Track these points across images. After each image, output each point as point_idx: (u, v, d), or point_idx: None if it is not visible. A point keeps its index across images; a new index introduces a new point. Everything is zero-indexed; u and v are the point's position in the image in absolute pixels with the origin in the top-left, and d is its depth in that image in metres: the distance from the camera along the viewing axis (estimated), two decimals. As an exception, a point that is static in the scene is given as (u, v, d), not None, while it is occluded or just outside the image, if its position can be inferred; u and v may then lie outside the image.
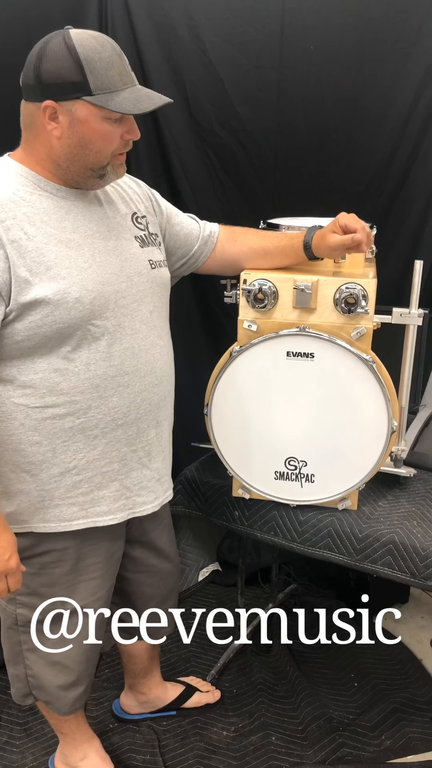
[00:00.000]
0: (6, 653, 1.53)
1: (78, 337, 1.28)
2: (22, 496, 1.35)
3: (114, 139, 1.25)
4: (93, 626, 1.49)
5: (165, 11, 1.99)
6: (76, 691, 1.53)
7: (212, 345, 2.32)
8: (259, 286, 1.51)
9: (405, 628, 2.27)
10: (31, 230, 1.22)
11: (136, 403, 1.38)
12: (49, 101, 1.20)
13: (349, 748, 1.79)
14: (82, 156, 1.25)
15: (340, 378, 1.52)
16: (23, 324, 1.23)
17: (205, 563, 2.57)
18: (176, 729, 1.87)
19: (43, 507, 1.36)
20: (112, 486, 1.40)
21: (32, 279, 1.22)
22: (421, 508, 1.69)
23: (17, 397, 1.29)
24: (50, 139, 1.24)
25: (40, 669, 1.49)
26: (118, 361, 1.33)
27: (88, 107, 1.20)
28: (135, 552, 1.58)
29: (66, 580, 1.43)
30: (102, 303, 1.29)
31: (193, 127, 2.10)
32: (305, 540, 1.67)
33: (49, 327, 1.24)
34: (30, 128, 1.26)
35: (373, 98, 2.02)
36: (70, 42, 1.18)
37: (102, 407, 1.34)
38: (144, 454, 1.44)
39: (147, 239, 1.42)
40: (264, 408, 1.59)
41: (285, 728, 1.87)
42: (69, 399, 1.30)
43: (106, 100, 1.20)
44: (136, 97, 1.23)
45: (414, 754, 1.78)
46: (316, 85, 2.02)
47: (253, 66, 2.02)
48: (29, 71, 1.21)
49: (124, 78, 1.23)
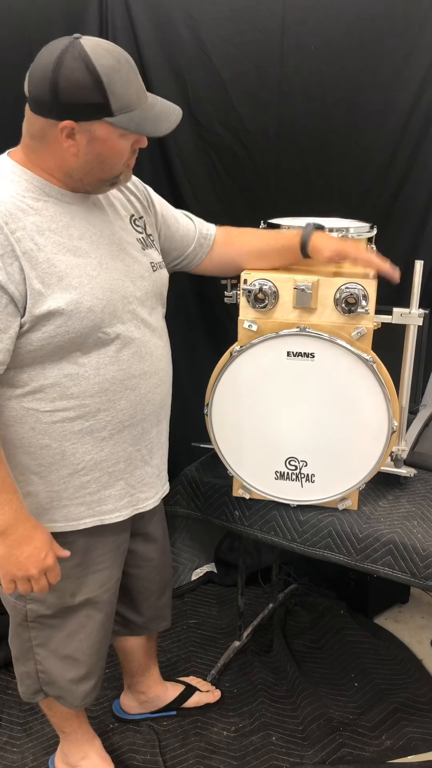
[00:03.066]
0: (15, 651, 1.53)
1: (89, 344, 1.28)
2: (31, 497, 1.35)
3: (127, 152, 1.26)
4: (103, 618, 1.50)
5: (166, 11, 1.99)
6: (87, 684, 1.53)
7: (212, 345, 2.32)
8: (259, 286, 1.51)
9: (405, 628, 2.27)
10: (40, 240, 1.22)
11: (142, 404, 1.39)
12: (68, 122, 1.18)
13: (349, 748, 1.79)
14: (98, 170, 1.25)
15: (340, 378, 1.52)
16: (37, 335, 1.23)
17: (200, 563, 2.57)
18: (176, 729, 1.87)
19: (52, 507, 1.37)
20: (117, 485, 1.41)
21: (45, 290, 1.21)
22: (421, 508, 1.69)
23: (28, 401, 1.29)
24: (65, 155, 1.22)
25: (51, 664, 1.50)
26: (126, 365, 1.34)
27: (107, 127, 1.19)
28: (136, 546, 1.59)
29: (75, 572, 1.43)
30: (111, 310, 1.29)
31: (193, 127, 2.10)
32: (305, 540, 1.67)
33: (62, 337, 1.24)
34: (40, 140, 1.23)
35: (374, 98, 2.02)
36: (87, 59, 1.15)
37: (110, 410, 1.34)
38: (146, 452, 1.45)
39: (146, 241, 1.42)
40: (264, 408, 1.59)
41: (285, 728, 1.87)
42: (79, 403, 1.31)
43: (128, 121, 1.19)
44: (156, 113, 1.23)
45: (414, 754, 1.78)
46: (316, 84, 2.02)
47: (253, 66, 2.02)
48: (43, 86, 1.16)
49: (140, 94, 1.22)
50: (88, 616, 1.48)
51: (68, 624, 1.48)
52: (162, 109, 1.25)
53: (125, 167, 1.28)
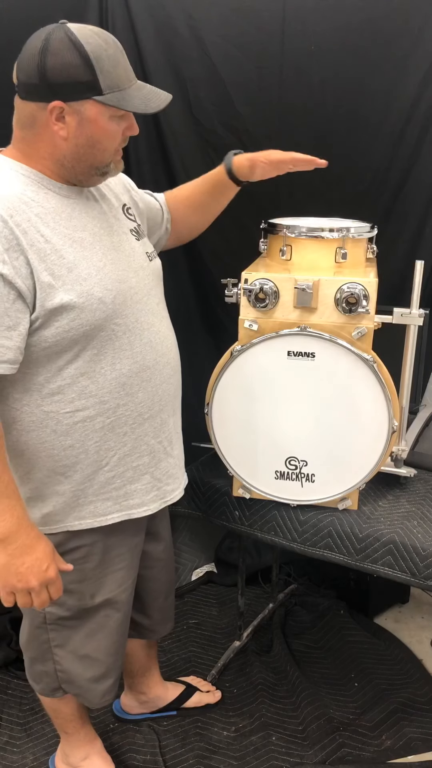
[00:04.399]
0: (33, 652, 1.53)
1: (102, 338, 1.28)
2: (57, 497, 1.35)
3: (118, 137, 1.25)
4: (121, 617, 1.50)
5: (166, 12, 1.99)
6: (106, 682, 1.53)
7: (212, 345, 2.32)
8: (260, 286, 1.51)
9: (405, 628, 2.27)
10: (46, 232, 1.20)
11: (158, 395, 1.39)
12: (57, 102, 1.17)
13: (349, 748, 1.79)
14: (89, 155, 1.23)
15: (340, 378, 1.52)
16: (51, 331, 1.22)
17: (200, 563, 2.57)
18: (177, 729, 1.87)
19: (78, 505, 1.36)
20: (143, 479, 1.41)
21: (55, 282, 1.20)
22: (421, 508, 1.69)
23: (46, 405, 1.28)
24: (55, 140, 1.21)
25: (70, 664, 1.50)
26: (140, 357, 1.34)
27: (97, 107, 1.19)
28: (146, 546, 1.58)
29: (94, 574, 1.43)
30: (121, 301, 1.29)
31: (194, 128, 2.10)
32: (305, 540, 1.67)
33: (76, 330, 1.23)
34: (30, 128, 1.22)
35: (374, 98, 2.02)
36: (75, 38, 1.15)
37: (129, 404, 1.34)
38: (168, 444, 1.45)
39: (139, 231, 1.42)
40: (265, 408, 1.59)
41: (285, 728, 1.87)
42: (98, 400, 1.30)
43: (118, 99, 1.19)
44: (144, 94, 1.22)
45: (414, 754, 1.78)
46: (317, 85, 2.02)
47: (254, 66, 2.02)
48: (30, 69, 1.16)
49: (129, 75, 1.22)
50: (107, 616, 1.48)
51: (87, 624, 1.48)
52: (151, 91, 1.25)
53: (115, 154, 1.27)
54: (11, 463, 1.30)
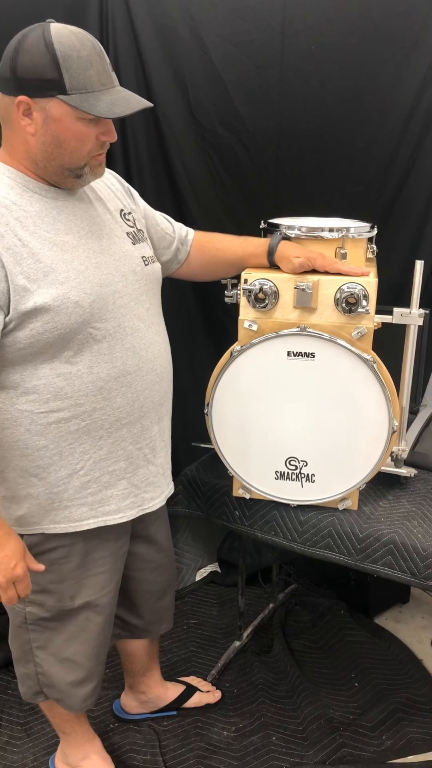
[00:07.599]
0: (15, 652, 1.53)
1: (79, 341, 1.27)
2: (32, 499, 1.35)
3: (89, 140, 1.24)
4: (102, 621, 1.50)
5: (166, 11, 1.99)
6: (87, 687, 1.53)
7: (213, 345, 2.32)
8: (259, 286, 1.51)
9: (405, 628, 2.27)
10: (25, 236, 1.21)
11: (139, 401, 1.38)
12: (23, 96, 1.18)
13: (349, 748, 1.79)
14: (57, 155, 1.23)
15: (340, 378, 1.52)
16: (24, 332, 1.22)
17: (204, 563, 2.57)
18: (177, 729, 1.87)
19: (53, 509, 1.36)
20: (119, 485, 1.40)
21: (30, 286, 1.20)
22: (421, 508, 1.69)
23: (21, 403, 1.28)
24: (26, 136, 1.22)
25: (50, 666, 1.50)
26: (120, 362, 1.33)
27: (62, 106, 1.18)
28: (137, 548, 1.58)
29: (74, 575, 1.43)
30: (101, 305, 1.28)
31: (194, 128, 2.10)
32: (305, 540, 1.67)
33: (50, 333, 1.23)
34: (7, 123, 1.23)
35: (375, 98, 2.02)
36: (48, 37, 1.16)
37: (106, 408, 1.33)
38: (149, 451, 1.44)
39: (137, 236, 1.42)
40: (265, 408, 1.59)
41: (285, 728, 1.87)
42: (73, 403, 1.30)
43: (81, 100, 1.18)
44: (113, 99, 1.21)
45: (414, 754, 1.78)
46: (317, 84, 2.02)
47: (254, 66, 2.02)
48: (5, 63, 1.18)
49: (103, 79, 1.20)
50: (88, 619, 1.48)
51: (68, 627, 1.48)
52: (123, 97, 1.23)
53: (90, 158, 1.26)
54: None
